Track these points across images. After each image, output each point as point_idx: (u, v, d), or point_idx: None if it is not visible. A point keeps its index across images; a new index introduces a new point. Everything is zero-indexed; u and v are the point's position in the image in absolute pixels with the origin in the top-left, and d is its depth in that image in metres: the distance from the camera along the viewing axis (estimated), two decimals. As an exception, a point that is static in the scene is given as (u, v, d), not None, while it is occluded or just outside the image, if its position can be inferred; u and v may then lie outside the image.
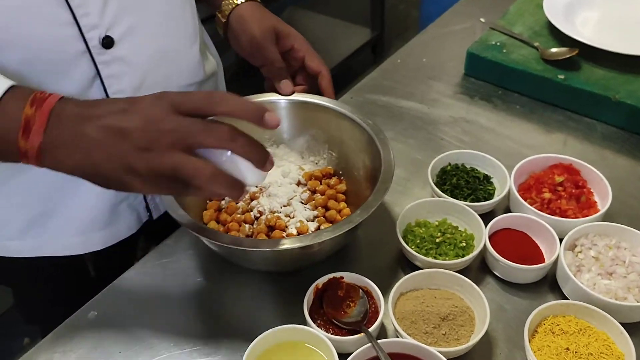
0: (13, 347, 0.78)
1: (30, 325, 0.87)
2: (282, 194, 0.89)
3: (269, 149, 0.93)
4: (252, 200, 0.89)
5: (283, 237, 0.83)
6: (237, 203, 0.87)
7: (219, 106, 0.59)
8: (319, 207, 0.88)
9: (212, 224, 0.86)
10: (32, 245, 0.90)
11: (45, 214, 0.87)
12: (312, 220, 0.87)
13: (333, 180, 0.92)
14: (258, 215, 0.87)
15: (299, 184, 0.92)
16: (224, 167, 0.61)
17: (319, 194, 0.90)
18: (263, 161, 0.62)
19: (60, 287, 1.02)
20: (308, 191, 0.90)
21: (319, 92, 0.95)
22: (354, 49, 2.88)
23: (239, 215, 0.87)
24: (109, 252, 0.95)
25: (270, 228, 0.85)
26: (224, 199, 0.89)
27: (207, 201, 0.90)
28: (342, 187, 0.92)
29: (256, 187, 0.90)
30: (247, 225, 0.86)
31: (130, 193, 0.90)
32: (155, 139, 0.58)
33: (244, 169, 0.63)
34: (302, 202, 0.89)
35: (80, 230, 0.90)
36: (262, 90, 0.96)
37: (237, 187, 0.62)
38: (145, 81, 0.83)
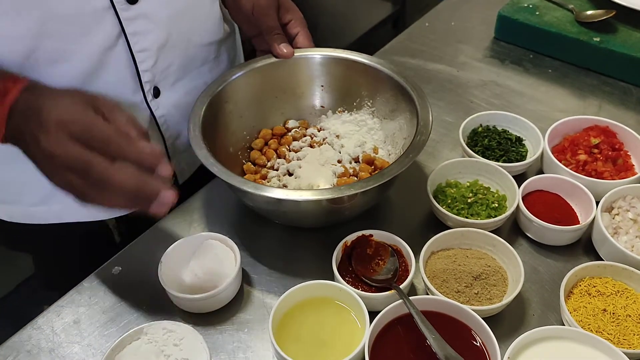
0: (33, 312, 0.78)
1: (50, 292, 0.87)
2: (327, 155, 0.87)
3: (364, 115, 0.92)
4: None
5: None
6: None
7: (118, 154, 0.59)
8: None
9: (249, 176, 0.86)
10: (56, 212, 0.88)
11: None
12: None
13: None
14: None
15: (356, 159, 0.89)
16: None
17: (354, 179, 0.85)
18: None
19: (82, 255, 1.01)
20: (351, 169, 0.86)
21: None
22: (374, 24, 2.83)
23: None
24: (133, 219, 0.93)
25: (289, 174, 0.86)
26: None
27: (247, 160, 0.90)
28: None
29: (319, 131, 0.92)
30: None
31: None
32: (69, 165, 0.59)
33: None
34: (334, 174, 0.86)
35: None
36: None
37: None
38: (169, 39, 0.82)
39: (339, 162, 0.88)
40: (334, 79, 0.93)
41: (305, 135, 0.93)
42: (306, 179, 0.85)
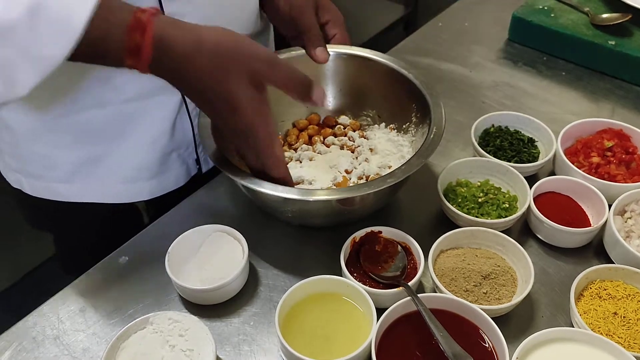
0: (39, 301, 0.78)
1: (67, 275, 0.87)
2: (340, 161, 0.86)
3: (405, 141, 0.89)
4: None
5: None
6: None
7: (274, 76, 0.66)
8: None
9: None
10: (79, 190, 0.88)
11: (95, 159, 0.85)
12: None
13: None
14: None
15: (367, 178, 0.86)
16: None
17: None
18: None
19: (105, 236, 1.01)
20: (351, 184, 0.85)
21: None
22: (385, 26, 2.82)
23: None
24: (159, 203, 0.93)
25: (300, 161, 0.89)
26: None
27: None
28: None
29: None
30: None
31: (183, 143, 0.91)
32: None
33: None
34: (333, 180, 0.85)
35: (128, 178, 0.88)
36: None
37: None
38: (206, 24, 0.81)
39: (347, 172, 0.86)
40: (391, 92, 0.90)
41: (345, 135, 0.92)
42: (306, 173, 0.85)
